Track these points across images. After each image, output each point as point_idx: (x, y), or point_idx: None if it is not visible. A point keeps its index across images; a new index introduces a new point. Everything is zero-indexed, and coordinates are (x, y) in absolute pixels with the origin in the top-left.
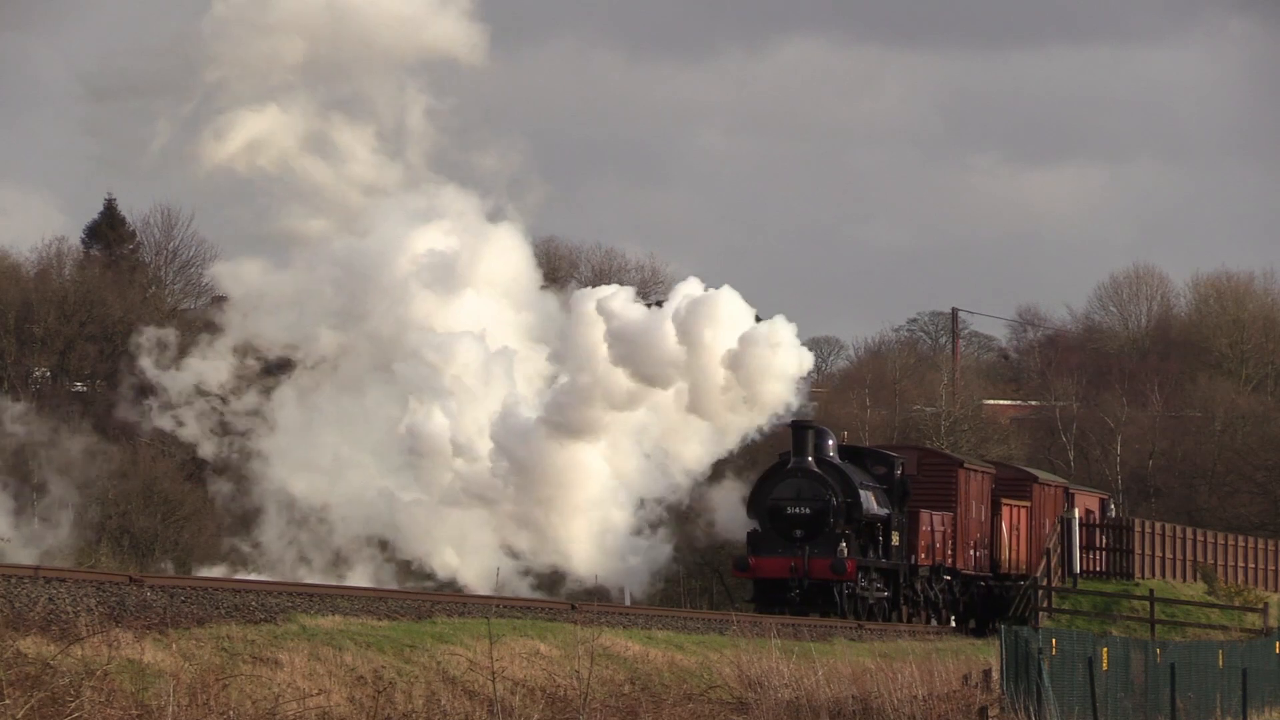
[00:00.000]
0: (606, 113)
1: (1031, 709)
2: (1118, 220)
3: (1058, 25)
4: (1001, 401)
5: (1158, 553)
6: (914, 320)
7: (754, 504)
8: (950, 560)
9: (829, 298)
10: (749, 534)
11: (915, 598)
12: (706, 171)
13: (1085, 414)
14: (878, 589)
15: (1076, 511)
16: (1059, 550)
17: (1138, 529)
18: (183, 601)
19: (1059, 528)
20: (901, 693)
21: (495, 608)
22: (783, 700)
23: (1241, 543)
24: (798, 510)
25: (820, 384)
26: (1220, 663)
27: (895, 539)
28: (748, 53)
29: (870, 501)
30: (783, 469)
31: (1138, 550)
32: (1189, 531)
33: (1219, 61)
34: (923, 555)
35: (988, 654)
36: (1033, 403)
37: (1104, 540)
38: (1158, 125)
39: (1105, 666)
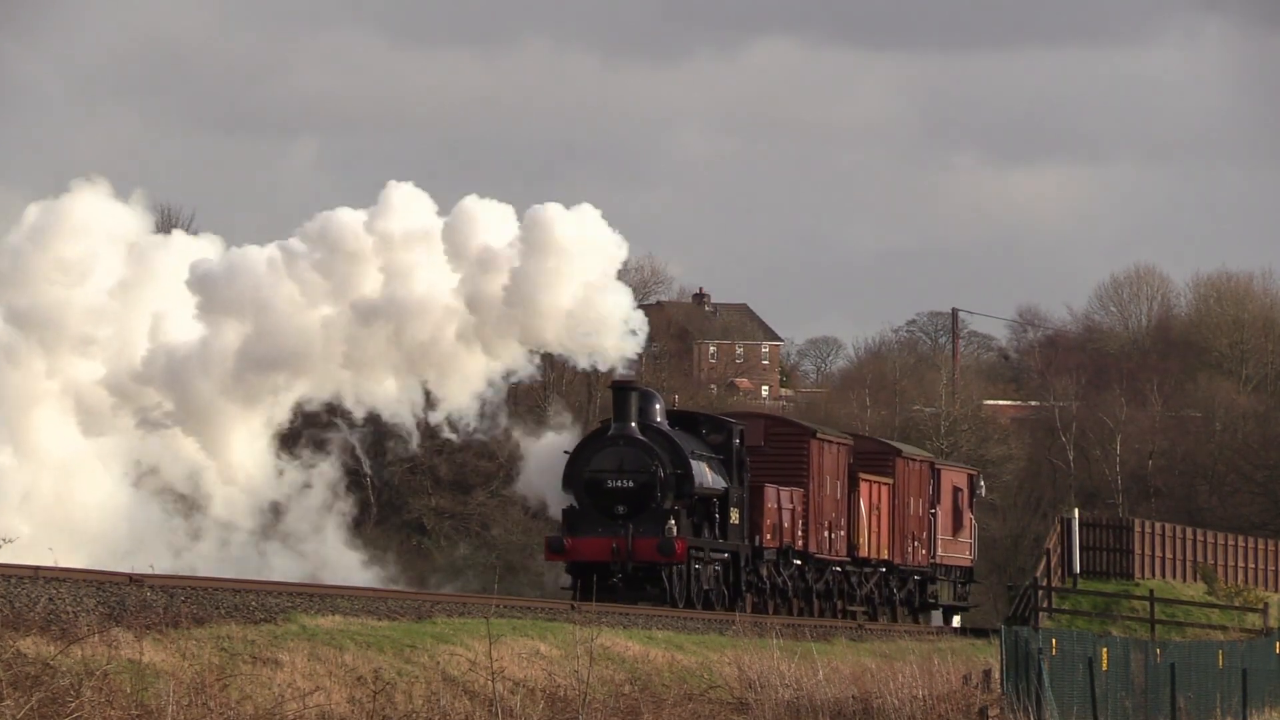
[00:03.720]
0: (583, 115)
1: (1031, 709)
2: (1103, 220)
3: (1030, 27)
4: (1001, 402)
5: (1158, 553)
6: (913, 321)
7: (570, 477)
8: (801, 542)
9: (828, 298)
10: (564, 511)
11: (761, 584)
12: (687, 172)
13: (1085, 414)
14: (716, 574)
15: (944, 488)
16: (1059, 550)
17: (1138, 529)
18: (182, 601)
19: (1058, 528)
20: (902, 693)
21: (495, 608)
22: (783, 700)
23: (1242, 543)
24: (619, 484)
25: (820, 384)
26: (1220, 663)
27: (735, 517)
28: (719, 55)
29: (704, 474)
30: (602, 437)
31: (1138, 550)
32: (1189, 531)
33: (1196, 61)
34: (768, 536)
35: (988, 654)
36: (1033, 403)
37: (974, 516)
38: (1137, 125)
39: (1105, 666)
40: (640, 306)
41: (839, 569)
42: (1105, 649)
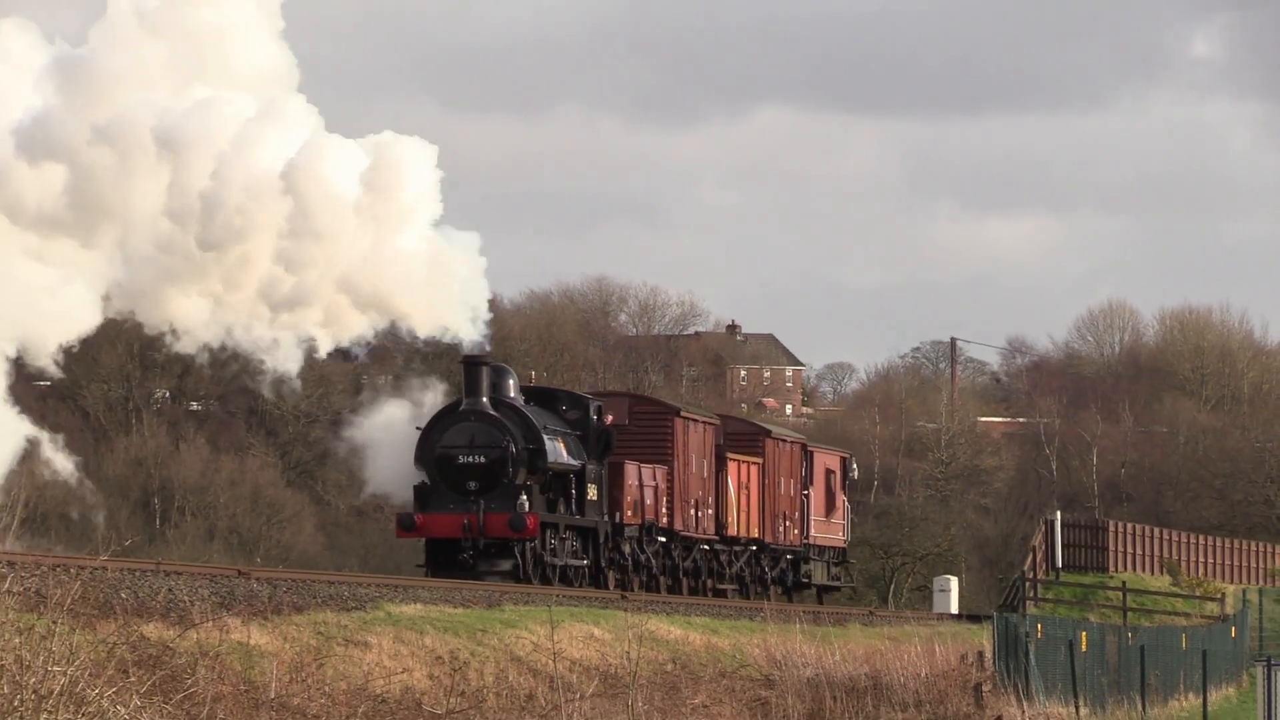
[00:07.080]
0: (611, 171)
1: (1020, 685)
2: (1070, 261)
3: (998, 95)
4: (994, 419)
5: (1129, 550)
6: (917, 348)
7: (421, 453)
8: (665, 520)
9: (842, 329)
10: (416, 488)
11: (623, 561)
12: (706, 220)
13: (1066, 430)
14: (573, 550)
15: (817, 469)
16: (1043, 547)
17: (1112, 529)
18: (284, 591)
19: (1043, 528)
20: (907, 670)
21: (556, 598)
22: (804, 678)
23: (1202, 541)
24: (470, 459)
25: (836, 403)
26: (1184, 645)
27: (593, 493)
28: (728, 119)
29: (558, 449)
30: (454, 412)
31: (1112, 548)
32: (1157, 531)
33: (1142, 125)
34: (629, 513)
35: (982, 637)
36: (1020, 420)
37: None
38: (1094, 179)
39: (1084, 648)
40: (680, 336)
41: (706, 547)
42: (1084, 633)
